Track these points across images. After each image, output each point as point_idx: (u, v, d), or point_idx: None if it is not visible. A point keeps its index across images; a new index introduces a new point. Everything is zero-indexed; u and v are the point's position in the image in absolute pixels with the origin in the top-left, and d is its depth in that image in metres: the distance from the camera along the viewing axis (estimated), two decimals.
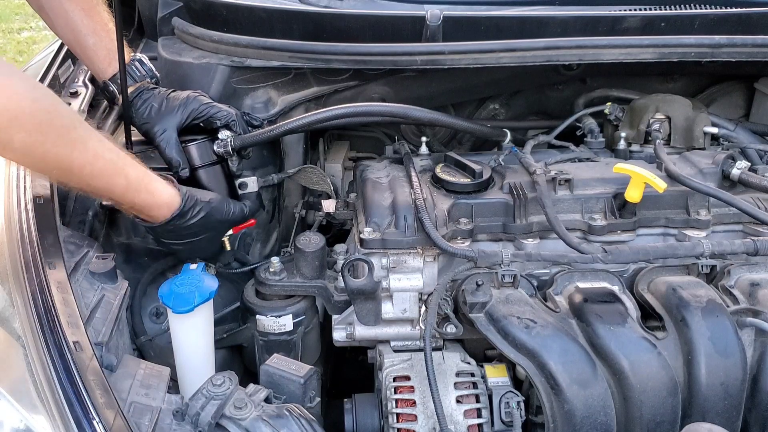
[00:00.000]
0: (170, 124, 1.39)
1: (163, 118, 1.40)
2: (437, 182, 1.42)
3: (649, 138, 1.60)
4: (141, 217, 1.28)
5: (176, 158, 1.38)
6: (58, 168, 1.13)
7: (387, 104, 1.57)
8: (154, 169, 1.26)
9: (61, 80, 1.59)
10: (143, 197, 1.24)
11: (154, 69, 1.52)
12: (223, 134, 1.42)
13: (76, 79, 1.63)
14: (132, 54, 1.51)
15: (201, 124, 1.43)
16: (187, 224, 1.30)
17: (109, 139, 1.21)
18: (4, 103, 1.01)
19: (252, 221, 1.45)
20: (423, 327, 1.32)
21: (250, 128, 1.48)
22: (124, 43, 1.39)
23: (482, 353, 1.35)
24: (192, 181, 1.39)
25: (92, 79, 1.58)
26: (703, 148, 1.58)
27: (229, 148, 1.41)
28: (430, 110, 1.50)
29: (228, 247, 1.44)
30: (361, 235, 1.32)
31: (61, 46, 1.65)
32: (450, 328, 1.24)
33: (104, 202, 1.37)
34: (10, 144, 1.04)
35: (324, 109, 1.46)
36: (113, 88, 1.44)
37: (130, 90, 1.43)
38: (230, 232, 1.42)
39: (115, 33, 1.36)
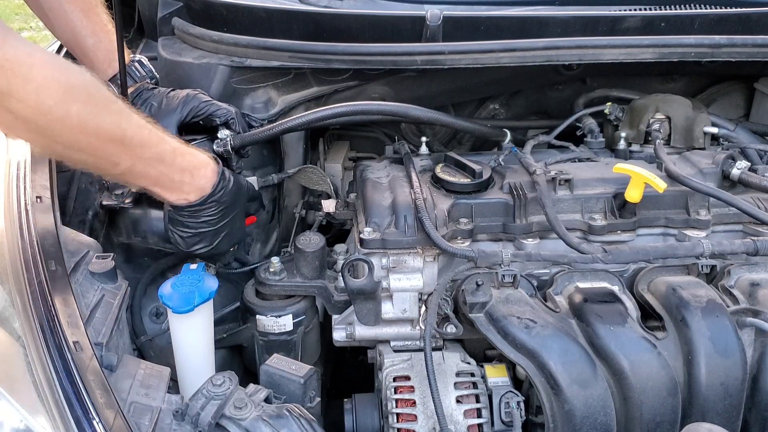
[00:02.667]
0: (170, 122, 1.39)
1: (163, 117, 1.39)
2: (437, 182, 1.42)
3: (649, 138, 1.59)
4: (182, 197, 1.24)
5: None
6: (112, 140, 1.11)
7: (386, 103, 1.57)
8: None
9: None
10: (189, 159, 1.23)
11: (153, 70, 1.53)
12: (223, 133, 1.42)
13: None
14: (132, 55, 1.51)
15: (201, 122, 1.43)
16: (228, 188, 1.28)
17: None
18: (56, 75, 1.01)
19: (253, 217, 1.45)
20: (423, 327, 1.32)
21: (249, 129, 1.48)
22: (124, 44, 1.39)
23: (482, 353, 1.35)
24: None
25: None
26: (703, 148, 1.58)
27: (229, 147, 1.41)
28: (429, 109, 1.50)
29: None
30: (361, 235, 1.32)
31: (61, 47, 1.65)
32: (450, 328, 1.24)
33: (143, 188, 1.26)
34: (68, 117, 1.03)
35: (323, 108, 1.47)
36: (113, 89, 1.44)
37: (129, 90, 1.43)
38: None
39: (114, 34, 1.36)
